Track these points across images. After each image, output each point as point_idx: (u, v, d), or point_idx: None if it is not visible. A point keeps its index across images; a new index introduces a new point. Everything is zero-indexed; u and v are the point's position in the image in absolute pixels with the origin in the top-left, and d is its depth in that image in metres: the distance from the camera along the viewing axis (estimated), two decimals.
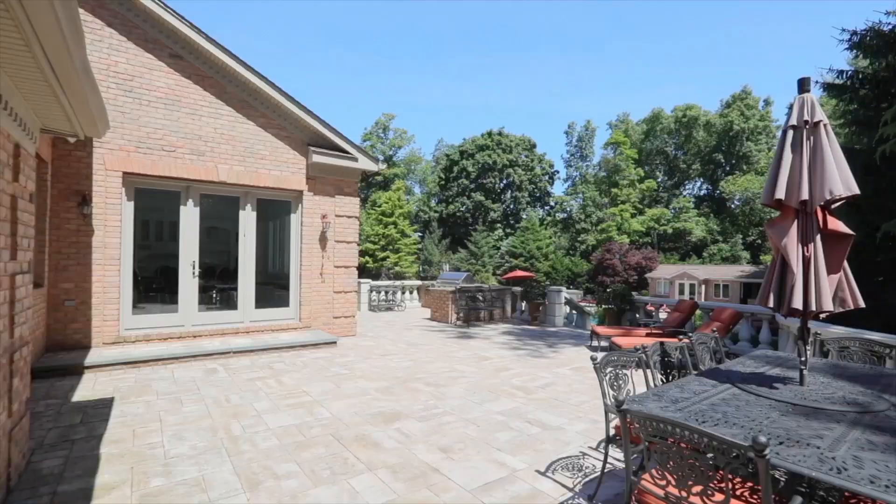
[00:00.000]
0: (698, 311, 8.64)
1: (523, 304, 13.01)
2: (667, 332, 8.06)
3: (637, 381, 4.00)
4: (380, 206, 57.33)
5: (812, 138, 3.08)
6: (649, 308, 9.97)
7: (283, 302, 8.91)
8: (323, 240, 9.06)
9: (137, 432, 4.04)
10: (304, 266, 8.85)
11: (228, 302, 8.47)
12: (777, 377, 3.33)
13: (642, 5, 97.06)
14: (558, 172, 66.17)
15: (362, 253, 56.44)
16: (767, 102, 57.47)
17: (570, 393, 5.67)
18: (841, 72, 15.26)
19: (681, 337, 6.89)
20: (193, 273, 7.78)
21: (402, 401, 5.20)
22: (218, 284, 8.63)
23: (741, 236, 48.96)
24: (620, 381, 3.38)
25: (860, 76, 14.74)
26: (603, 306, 10.00)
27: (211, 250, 8.76)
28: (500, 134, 61.33)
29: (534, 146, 63.63)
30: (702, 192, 60.62)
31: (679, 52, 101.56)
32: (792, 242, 3.01)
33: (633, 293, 10.07)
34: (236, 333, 8.06)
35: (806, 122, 3.09)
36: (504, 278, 48.66)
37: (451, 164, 61.67)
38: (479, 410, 4.92)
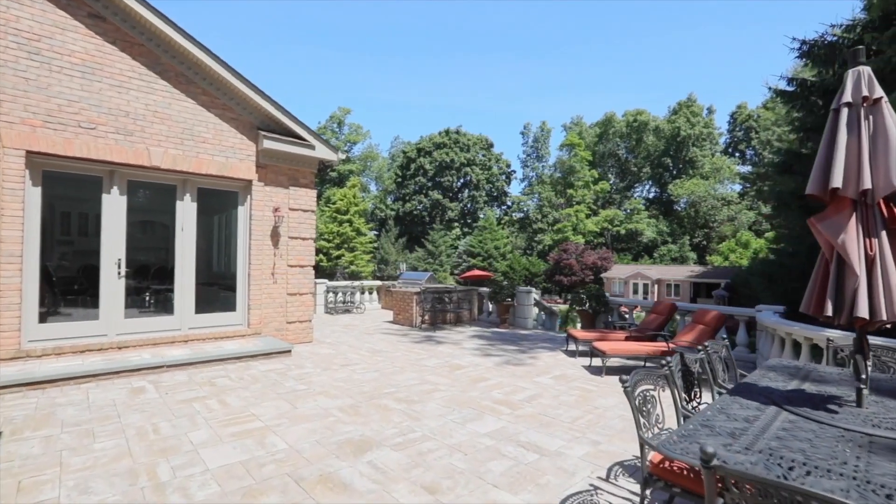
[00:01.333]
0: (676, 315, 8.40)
1: (490, 305, 12.49)
2: (647, 336, 7.74)
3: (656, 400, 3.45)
4: (334, 203, 55.62)
5: (871, 117, 2.64)
6: (622, 310, 9.72)
7: (228, 305, 7.87)
8: (275, 236, 8.09)
9: (24, 484, 3.07)
10: (254, 265, 7.85)
11: (163, 306, 7.34)
12: (825, 396, 2.88)
13: (598, 9, 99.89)
14: (515, 172, 66.83)
15: (316, 251, 54.53)
16: (710, 111, 60.59)
17: (559, 407, 5.12)
18: (792, 79, 15.86)
19: (671, 345, 6.54)
20: (119, 273, 6.63)
21: (371, 423, 4.45)
22: (152, 286, 7.48)
23: (688, 238, 51.19)
24: (649, 405, 2.83)
25: (808, 84, 15.33)
26: (576, 308, 9.64)
27: (143, 247, 7.63)
28: (457, 132, 61.10)
29: (491, 145, 63.88)
30: (650, 195, 63.01)
31: (630, 58, 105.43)
32: (851, 239, 2.54)
33: (606, 294, 9.77)
34: (172, 343, 6.97)
35: (865, 98, 2.65)
36: (462, 277, 48.36)
37: (408, 162, 60.83)
38: (463, 432, 4.25)
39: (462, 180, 61.30)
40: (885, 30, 13.18)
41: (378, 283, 15.29)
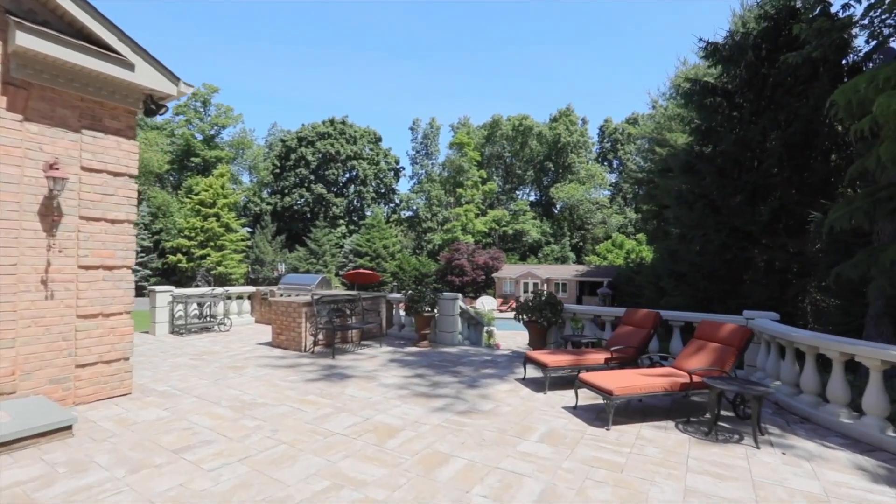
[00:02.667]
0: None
1: (403, 316, 9.86)
2: (632, 359, 5.85)
3: None
4: (197, 195, 47.86)
5: None
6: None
7: None
8: (48, 214, 4.53)
9: None
10: None
11: None
12: None
13: (484, 15, 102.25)
14: (404, 169, 64.67)
15: (174, 250, 46.13)
16: (584, 121, 65.01)
17: None
18: (696, 80, 15.92)
19: (696, 377, 4.54)
20: None
21: None
22: None
23: (568, 238, 53.92)
24: None
25: (710, 86, 15.46)
26: (524, 319, 7.51)
27: None
28: (343, 123, 56.98)
29: (379, 139, 60.87)
30: (531, 198, 65.55)
31: (514, 65, 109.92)
32: None
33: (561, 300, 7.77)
34: None
35: None
36: (345, 277, 44.41)
37: (288, 151, 55.04)
38: None
39: (348, 174, 57.21)
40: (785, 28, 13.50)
41: (250, 289, 11.64)
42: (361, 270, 43.57)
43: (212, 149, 56.28)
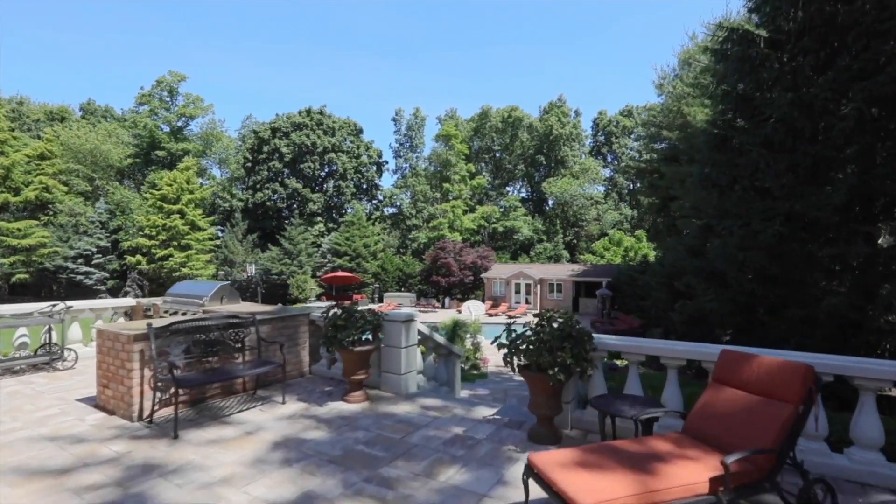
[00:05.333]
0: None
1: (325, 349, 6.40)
2: (776, 474, 2.49)
3: None
4: (160, 189, 43.86)
5: None
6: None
7: None
8: None
9: None
10: None
11: None
12: None
13: (463, 12, 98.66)
14: (387, 163, 61.03)
15: (133, 251, 42.07)
16: (577, 113, 61.87)
17: None
18: (733, 29, 12.71)
19: None
20: None
21: None
22: None
23: (562, 236, 50.77)
24: None
25: (751, 35, 12.25)
26: (519, 363, 4.07)
27: None
28: (321, 113, 53.13)
29: (360, 131, 57.14)
30: (522, 194, 62.33)
31: (501, 64, 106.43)
32: None
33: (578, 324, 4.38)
34: None
35: None
36: (323, 279, 40.70)
37: (260, 143, 51.06)
38: None
39: (326, 169, 53.40)
40: None
41: (128, 301, 8.10)
42: (340, 273, 40.08)
43: (179, 141, 52.29)
